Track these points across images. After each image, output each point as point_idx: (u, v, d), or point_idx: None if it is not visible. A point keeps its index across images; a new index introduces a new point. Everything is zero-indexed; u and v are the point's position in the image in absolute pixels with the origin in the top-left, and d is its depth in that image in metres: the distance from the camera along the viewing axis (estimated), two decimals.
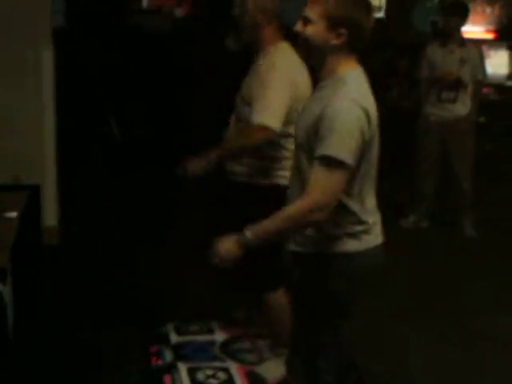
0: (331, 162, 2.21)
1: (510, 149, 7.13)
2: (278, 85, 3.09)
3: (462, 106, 5.60)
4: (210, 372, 3.44)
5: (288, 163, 3.02)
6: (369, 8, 2.34)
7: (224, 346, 3.70)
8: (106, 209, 5.64)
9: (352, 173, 2.26)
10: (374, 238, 2.44)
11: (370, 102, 2.33)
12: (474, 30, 7.23)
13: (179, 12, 8.27)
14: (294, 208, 2.30)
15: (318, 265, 2.40)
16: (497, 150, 7.17)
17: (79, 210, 5.48)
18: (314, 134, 2.28)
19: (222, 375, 3.42)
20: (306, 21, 2.33)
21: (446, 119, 5.59)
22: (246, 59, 3.30)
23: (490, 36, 7.51)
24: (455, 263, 5.03)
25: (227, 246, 2.38)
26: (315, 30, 2.31)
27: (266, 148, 3.16)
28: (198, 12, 7.96)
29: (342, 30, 2.29)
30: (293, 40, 3.30)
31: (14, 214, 3.23)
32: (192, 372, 3.43)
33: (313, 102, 2.39)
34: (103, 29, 7.11)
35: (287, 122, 3.06)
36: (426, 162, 5.76)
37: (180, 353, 3.61)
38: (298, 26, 2.36)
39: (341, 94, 2.26)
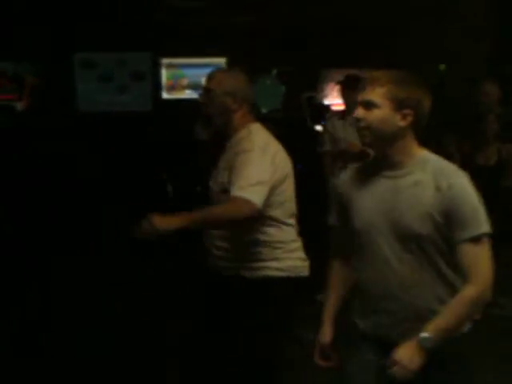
0: (479, 239, 2.07)
1: None
2: (259, 163, 2.85)
3: None
4: None
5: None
6: (426, 86, 2.21)
7: None
8: None
9: None
10: None
11: None
12: None
13: (19, 106, 7.96)
14: (466, 298, 2.09)
15: None
16: None
17: None
18: (439, 221, 2.11)
19: None
20: (369, 105, 2.14)
21: None
22: None
23: None
24: None
25: (410, 355, 2.07)
26: (381, 113, 2.13)
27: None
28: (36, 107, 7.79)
29: (408, 111, 2.14)
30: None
31: None
32: None
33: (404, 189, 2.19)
34: None
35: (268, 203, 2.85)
36: None
37: None
38: (360, 113, 2.16)
39: (448, 173, 2.13)
